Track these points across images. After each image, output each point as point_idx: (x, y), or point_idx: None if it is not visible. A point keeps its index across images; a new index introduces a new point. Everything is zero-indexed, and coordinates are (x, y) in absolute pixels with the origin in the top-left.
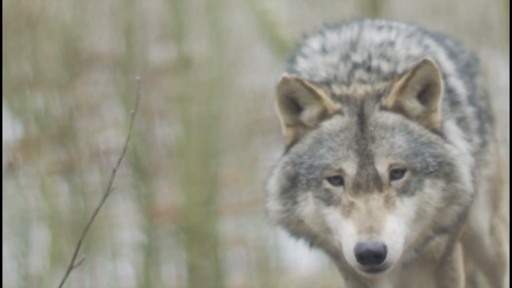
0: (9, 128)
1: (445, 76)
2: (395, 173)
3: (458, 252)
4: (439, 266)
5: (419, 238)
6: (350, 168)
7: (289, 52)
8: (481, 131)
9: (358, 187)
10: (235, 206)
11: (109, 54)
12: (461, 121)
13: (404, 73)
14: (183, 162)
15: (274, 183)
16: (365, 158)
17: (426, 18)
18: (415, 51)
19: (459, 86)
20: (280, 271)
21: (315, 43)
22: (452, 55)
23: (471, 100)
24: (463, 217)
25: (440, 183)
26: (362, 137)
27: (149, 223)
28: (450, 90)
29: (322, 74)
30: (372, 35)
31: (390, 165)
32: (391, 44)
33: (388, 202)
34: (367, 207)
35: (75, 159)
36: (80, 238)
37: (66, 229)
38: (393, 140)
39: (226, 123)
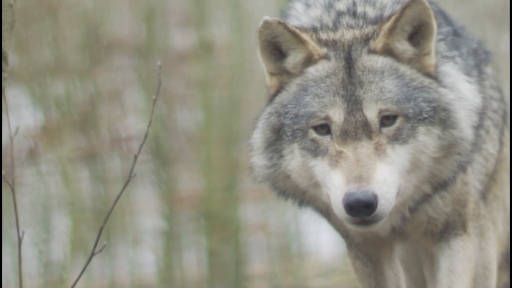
0: (30, 115)
1: (445, 18)
2: (386, 119)
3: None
4: (444, 236)
5: (414, 193)
6: (337, 115)
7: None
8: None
9: (346, 135)
10: (256, 192)
11: (130, 40)
12: (461, 57)
13: (393, 14)
14: (204, 148)
15: (258, 136)
16: (353, 104)
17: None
18: None
19: (458, 25)
20: (301, 257)
21: (297, 1)
22: (448, 22)
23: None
24: (464, 168)
25: (436, 130)
26: (350, 82)
27: (170, 210)
28: (449, 22)
29: (306, 28)
30: None
31: (380, 111)
32: None
33: (378, 149)
34: (355, 155)
35: (96, 146)
36: (102, 225)
37: (87, 216)
38: (383, 84)
39: (247, 109)
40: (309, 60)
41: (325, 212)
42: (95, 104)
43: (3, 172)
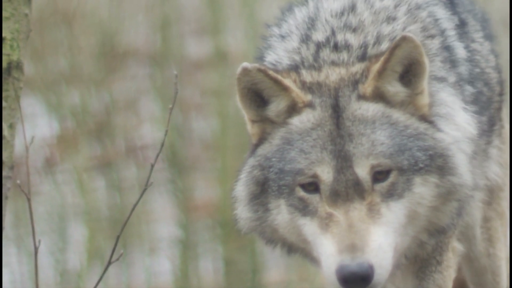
0: (46, 124)
1: (442, 31)
2: (379, 175)
3: (451, 260)
4: (424, 265)
5: (411, 243)
6: (325, 173)
7: None
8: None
9: (337, 196)
10: None
11: (145, 49)
12: (458, 87)
13: (381, 54)
14: (219, 156)
15: (241, 189)
16: (343, 160)
17: None
18: (384, 3)
19: (459, 47)
20: None
21: (275, 30)
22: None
23: (472, 77)
24: (463, 214)
25: (433, 179)
26: (338, 134)
27: (186, 218)
28: (447, 47)
29: (286, 62)
30: (330, 4)
31: (372, 167)
32: (352, 8)
33: (371, 210)
34: (347, 219)
35: (111, 155)
36: (118, 234)
37: (103, 225)
38: (375, 136)
39: None
40: (293, 109)
41: (317, 263)
42: (111, 113)
43: (18, 182)
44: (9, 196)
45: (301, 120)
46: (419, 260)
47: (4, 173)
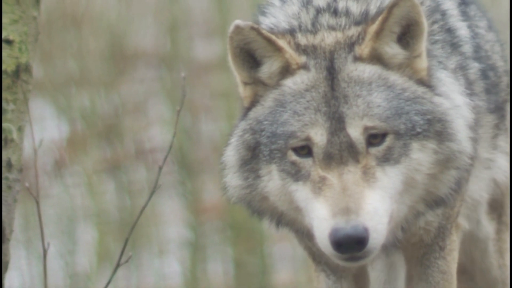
0: (55, 127)
1: (443, 14)
2: (374, 138)
3: (454, 243)
4: (428, 251)
5: (408, 213)
6: (319, 135)
7: None
8: (493, 93)
9: (330, 159)
10: None
11: (154, 51)
12: (459, 70)
13: (378, 14)
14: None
15: (231, 154)
16: (337, 122)
17: None
18: None
19: (462, 28)
20: None
21: None
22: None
23: (478, 53)
24: (462, 185)
25: (431, 145)
26: (333, 96)
27: (195, 220)
28: (449, 29)
29: (283, 26)
30: None
31: (366, 129)
32: None
33: (366, 174)
34: (341, 182)
35: (121, 157)
36: (127, 236)
37: (112, 227)
38: (370, 98)
39: None
40: (286, 70)
41: (307, 235)
42: (120, 115)
43: (27, 184)
44: (18, 199)
45: (295, 82)
46: (423, 245)
47: (13, 176)
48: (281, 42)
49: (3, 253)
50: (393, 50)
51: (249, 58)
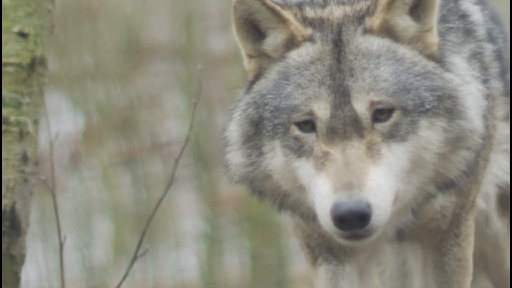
0: (71, 120)
1: (456, 0)
2: (380, 114)
3: (470, 228)
4: (444, 238)
5: (417, 194)
6: (322, 109)
7: None
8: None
9: (334, 133)
10: None
11: (169, 44)
12: (474, 56)
13: None
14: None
15: (234, 129)
16: (341, 95)
17: None
18: None
19: (475, 12)
20: None
21: None
22: None
23: (491, 35)
24: (473, 167)
25: (440, 122)
26: (338, 69)
27: (212, 213)
28: (462, 16)
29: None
30: None
31: (372, 103)
32: None
33: (371, 149)
34: (344, 157)
35: (137, 150)
36: (144, 229)
37: (128, 220)
38: (378, 72)
39: None
40: (291, 43)
41: (312, 218)
42: (135, 108)
43: (43, 178)
44: (34, 192)
45: (300, 54)
46: (440, 231)
47: (29, 169)
48: (286, 14)
49: (19, 246)
50: (405, 22)
51: (254, 30)
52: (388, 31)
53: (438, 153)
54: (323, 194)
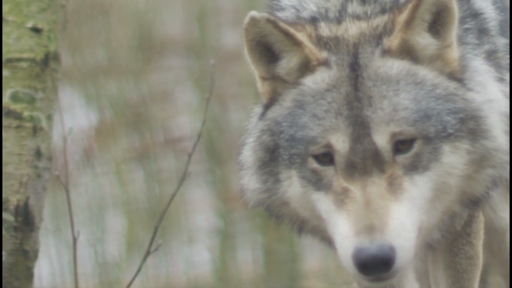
0: (84, 116)
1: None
2: (401, 144)
3: (480, 224)
4: (456, 238)
5: (443, 216)
6: (340, 142)
7: None
8: None
9: (353, 168)
10: None
11: (182, 40)
12: (491, 55)
13: (407, 2)
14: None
15: (249, 154)
16: (360, 127)
17: None
18: None
19: (487, 8)
20: None
21: None
22: None
23: (503, 28)
24: (499, 181)
25: (464, 145)
26: (356, 97)
27: (225, 208)
28: (476, 14)
29: (311, 7)
30: None
31: (393, 135)
32: None
33: (392, 185)
34: (365, 195)
35: (150, 145)
36: (157, 224)
37: (141, 216)
38: (398, 99)
39: None
40: (306, 67)
41: (331, 244)
42: (149, 103)
43: (57, 173)
44: (47, 188)
45: (315, 81)
46: (453, 232)
47: (42, 165)
48: (300, 36)
49: (33, 242)
50: (425, 40)
51: (267, 52)
52: (407, 52)
53: (462, 175)
54: (344, 236)
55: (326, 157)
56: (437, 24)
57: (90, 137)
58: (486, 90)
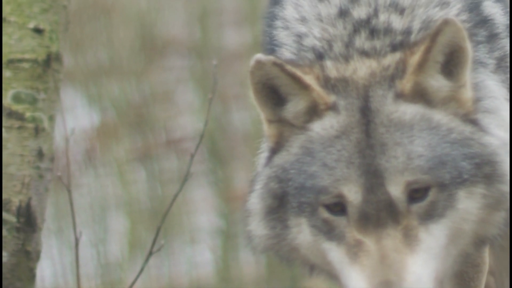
0: (86, 116)
1: (478, 5)
2: (416, 193)
3: (486, 251)
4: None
5: (456, 259)
6: (353, 193)
7: None
8: None
9: (367, 220)
10: None
11: (184, 40)
12: (501, 61)
13: (418, 41)
14: (259, 146)
15: (256, 202)
16: (373, 176)
17: None
18: None
19: (497, 13)
20: None
21: None
22: None
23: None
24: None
25: (479, 190)
26: (368, 145)
27: (227, 208)
28: (485, 21)
29: (315, 33)
30: None
31: (408, 184)
32: None
33: (408, 237)
34: (380, 249)
35: (152, 146)
36: (159, 225)
37: (144, 216)
38: (412, 147)
39: None
40: (314, 111)
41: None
42: (151, 104)
43: (59, 174)
44: (49, 188)
45: (324, 127)
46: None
47: (44, 165)
48: (308, 79)
49: (35, 242)
50: (438, 82)
51: (273, 95)
52: (420, 95)
53: (477, 220)
54: None
55: (338, 206)
56: (450, 65)
57: (92, 138)
58: (499, 121)
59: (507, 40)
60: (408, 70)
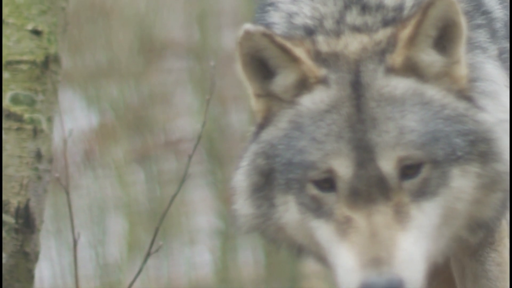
0: (85, 118)
1: None
2: (408, 169)
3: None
4: (479, 247)
5: (449, 242)
6: (343, 167)
7: None
8: None
9: (357, 196)
10: None
11: (182, 42)
12: (502, 55)
13: (411, 15)
14: None
15: (242, 179)
16: (364, 151)
17: None
18: None
19: (496, 8)
20: None
21: None
22: None
23: (506, 30)
24: (508, 204)
25: (474, 168)
26: (359, 119)
27: (225, 209)
28: (484, 12)
29: (305, 12)
30: None
31: (400, 160)
32: None
33: (399, 213)
34: (370, 225)
35: (150, 147)
36: (157, 225)
37: (142, 217)
38: (404, 121)
39: None
40: (303, 85)
41: (332, 270)
42: (149, 105)
43: (57, 175)
44: (48, 190)
45: (313, 101)
46: (471, 246)
47: (42, 167)
48: (298, 51)
49: (33, 244)
50: (430, 57)
51: (262, 68)
52: (412, 69)
53: (471, 200)
54: (348, 269)
55: (327, 182)
56: (444, 40)
57: (90, 139)
58: (498, 105)
59: (505, 42)
60: (399, 44)
